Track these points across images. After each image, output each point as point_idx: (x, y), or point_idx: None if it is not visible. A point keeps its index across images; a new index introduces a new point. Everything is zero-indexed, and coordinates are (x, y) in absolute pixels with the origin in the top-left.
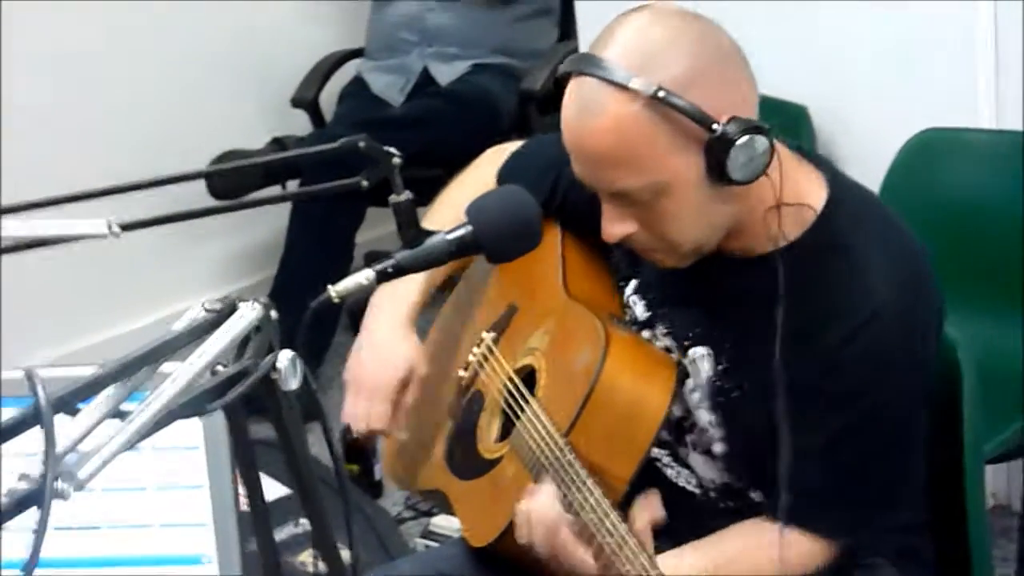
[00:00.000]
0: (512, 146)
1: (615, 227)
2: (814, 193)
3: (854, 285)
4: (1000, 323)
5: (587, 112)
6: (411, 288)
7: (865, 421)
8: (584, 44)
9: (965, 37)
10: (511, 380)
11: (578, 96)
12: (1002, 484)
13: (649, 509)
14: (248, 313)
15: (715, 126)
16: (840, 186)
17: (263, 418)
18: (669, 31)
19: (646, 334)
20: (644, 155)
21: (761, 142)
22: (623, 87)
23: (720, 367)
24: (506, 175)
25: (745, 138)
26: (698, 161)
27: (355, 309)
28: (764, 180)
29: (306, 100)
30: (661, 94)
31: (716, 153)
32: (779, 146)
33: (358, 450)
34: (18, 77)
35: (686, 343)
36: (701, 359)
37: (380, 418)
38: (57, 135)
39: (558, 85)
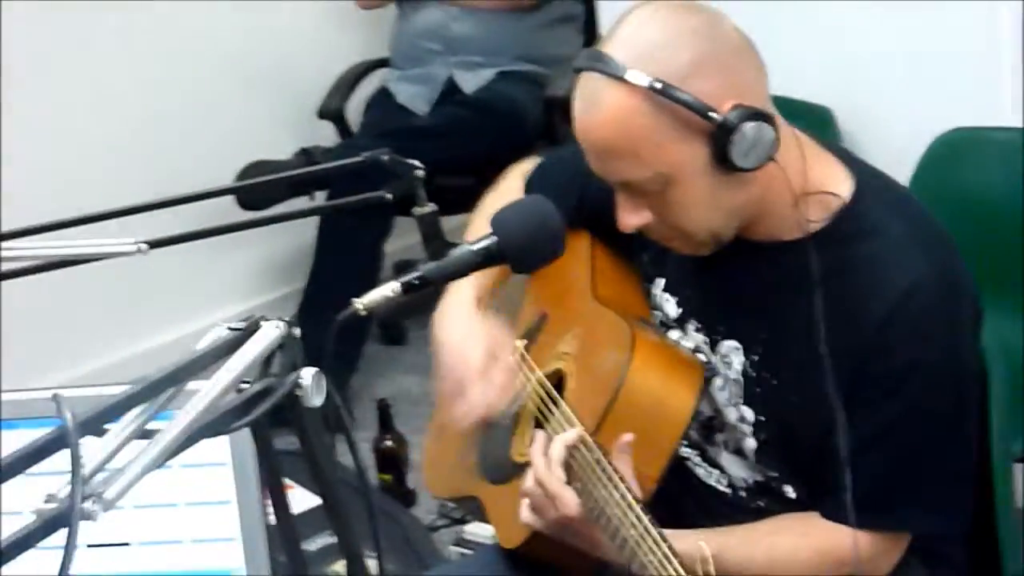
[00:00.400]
0: (538, 158)
1: (629, 217)
2: (840, 182)
3: (889, 262)
4: None
5: (590, 106)
6: (466, 287)
7: (917, 402)
8: None
9: (988, 36)
10: (541, 385)
11: (582, 91)
12: None
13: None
14: (271, 331)
15: (714, 115)
16: (867, 175)
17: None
18: (669, 23)
19: (677, 332)
20: (646, 146)
21: (764, 128)
22: (621, 80)
23: (754, 357)
24: (533, 185)
25: (747, 124)
26: (703, 150)
27: (386, 319)
28: (778, 166)
29: (332, 111)
30: (658, 85)
31: (719, 141)
32: (801, 135)
33: (391, 459)
34: (44, 93)
35: (717, 337)
36: (731, 352)
37: (477, 404)
38: (84, 149)
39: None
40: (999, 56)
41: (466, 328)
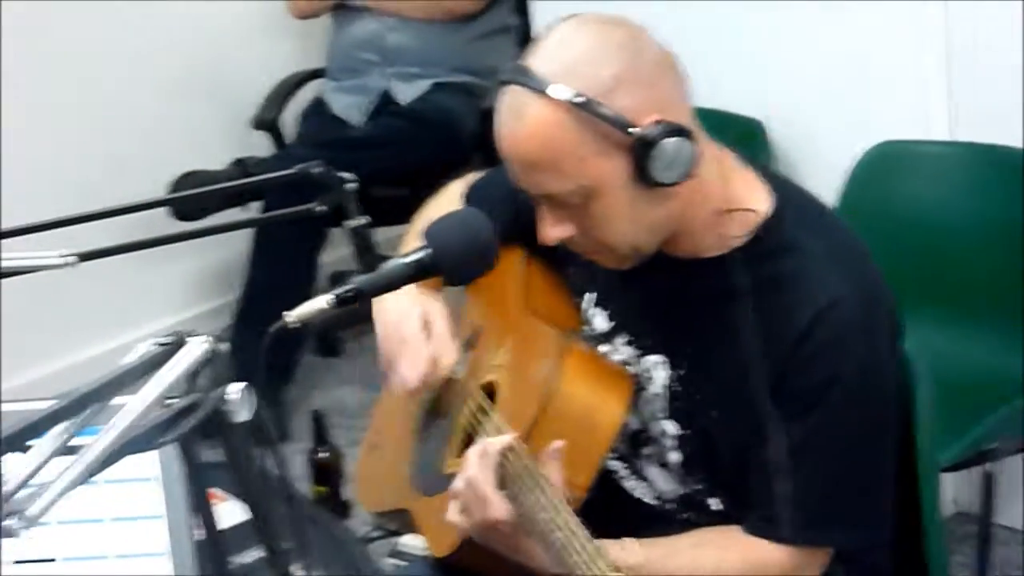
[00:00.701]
0: (480, 173)
1: (551, 230)
2: (759, 198)
3: (809, 279)
4: (957, 332)
5: (513, 119)
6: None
7: (837, 416)
8: None
9: (918, 49)
10: (472, 396)
11: (506, 104)
12: (963, 491)
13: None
14: (197, 347)
15: (634, 130)
16: (786, 191)
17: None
18: (592, 38)
19: (606, 346)
20: (567, 160)
21: (685, 144)
22: (543, 94)
23: (680, 372)
24: (470, 200)
25: (667, 140)
26: (624, 164)
27: (321, 331)
28: (700, 182)
29: (267, 121)
30: (579, 100)
31: (640, 156)
32: (723, 151)
33: (326, 471)
34: None
35: (643, 351)
36: (656, 367)
37: (422, 363)
38: (13, 158)
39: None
40: (928, 70)
41: (402, 299)
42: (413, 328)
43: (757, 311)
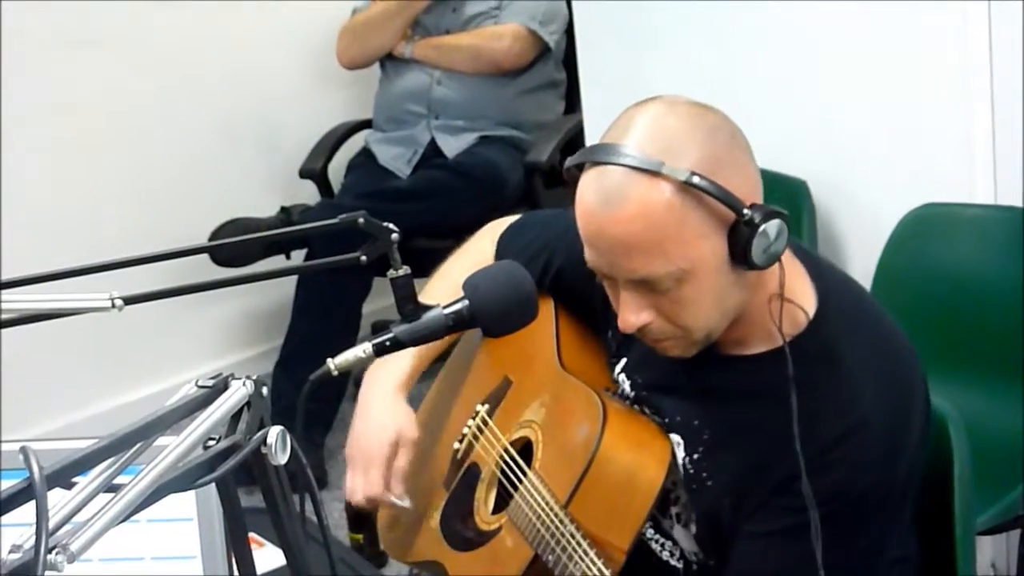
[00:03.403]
0: (508, 220)
1: (634, 316)
2: (806, 294)
3: (842, 392)
4: (996, 396)
5: (614, 199)
6: (403, 359)
7: (834, 525)
8: (589, 117)
9: (963, 113)
10: (507, 452)
11: (600, 185)
12: (1001, 555)
13: None
14: (239, 390)
15: (745, 211)
16: (829, 288)
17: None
18: (685, 120)
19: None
20: (672, 241)
21: (781, 227)
22: (653, 173)
23: (695, 456)
24: (502, 250)
25: (770, 223)
26: (723, 246)
27: (361, 379)
28: (772, 270)
29: (314, 171)
30: (695, 180)
31: (742, 237)
32: None
33: (362, 519)
34: (21, 144)
35: (663, 429)
36: (675, 446)
37: (374, 485)
38: (65, 202)
39: (569, 173)
40: (972, 134)
41: (384, 407)
42: (383, 446)
43: (785, 414)
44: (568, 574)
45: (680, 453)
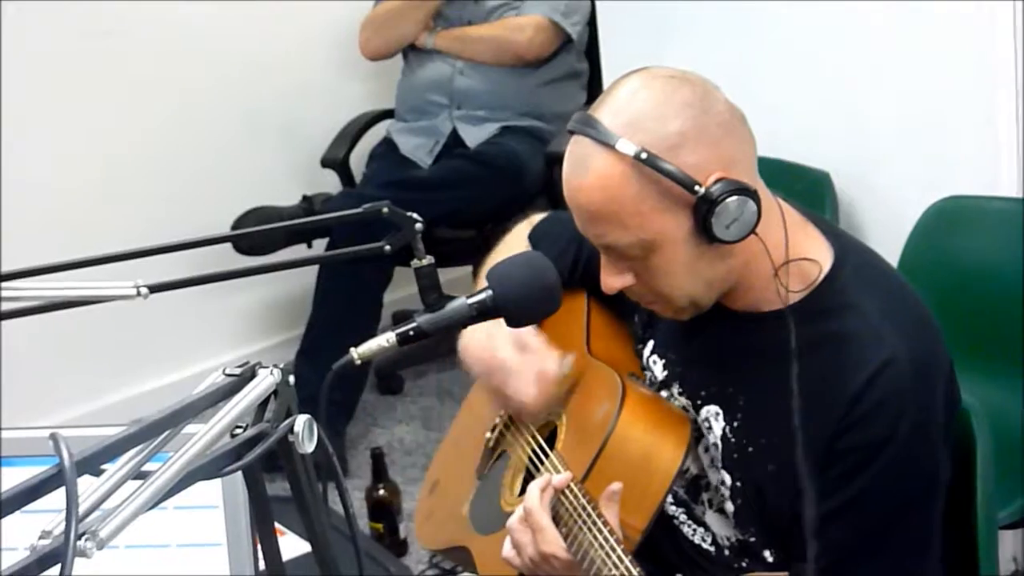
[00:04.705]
0: (542, 214)
1: (612, 279)
2: (819, 254)
3: (865, 337)
4: (1019, 390)
5: (578, 169)
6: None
7: (889, 477)
8: None
9: (988, 105)
10: (534, 438)
11: (572, 153)
12: (1021, 549)
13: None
14: (266, 378)
15: (697, 188)
16: (846, 248)
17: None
18: (660, 94)
19: (663, 394)
20: (630, 214)
21: (747, 203)
22: (609, 147)
23: (734, 424)
24: (535, 241)
25: (730, 199)
26: (686, 220)
27: (382, 368)
28: (761, 238)
29: (336, 160)
30: (644, 156)
31: (701, 213)
32: (785, 205)
33: (383, 508)
34: (46, 134)
35: (699, 402)
36: (713, 417)
37: (528, 385)
38: (87, 191)
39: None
40: (997, 126)
41: (486, 331)
42: (508, 352)
43: (812, 369)
44: (583, 548)
45: (720, 424)
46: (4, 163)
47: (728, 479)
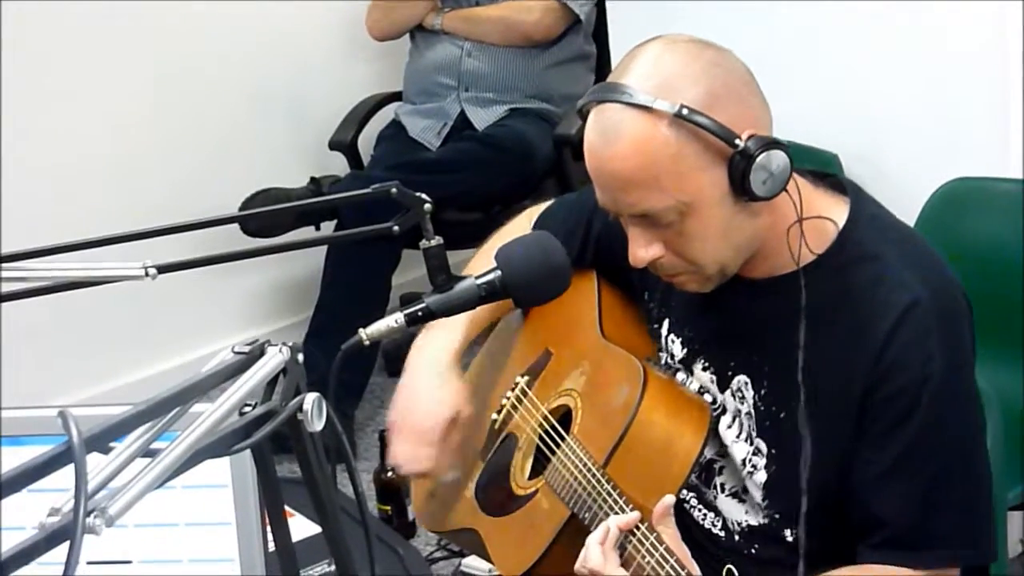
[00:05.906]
0: (546, 203)
1: (642, 251)
2: (834, 211)
3: (888, 283)
4: None
5: (610, 136)
6: (453, 329)
7: (933, 418)
8: None
9: (997, 87)
10: (546, 419)
11: (599, 122)
12: None
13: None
14: (275, 356)
15: (737, 141)
16: (860, 201)
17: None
18: (685, 56)
19: (683, 374)
20: (668, 174)
21: (781, 157)
22: (646, 108)
23: (762, 392)
24: (542, 225)
25: (766, 153)
26: (722, 178)
27: (390, 350)
28: (783, 199)
29: (344, 142)
30: (684, 112)
31: (739, 168)
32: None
33: (391, 490)
34: (53, 115)
35: (729, 373)
36: (744, 387)
37: (426, 460)
38: (94, 171)
39: (581, 115)
40: (1006, 108)
41: (440, 382)
42: (438, 423)
43: (837, 323)
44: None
45: (751, 393)
46: (13, 144)
47: (764, 447)
